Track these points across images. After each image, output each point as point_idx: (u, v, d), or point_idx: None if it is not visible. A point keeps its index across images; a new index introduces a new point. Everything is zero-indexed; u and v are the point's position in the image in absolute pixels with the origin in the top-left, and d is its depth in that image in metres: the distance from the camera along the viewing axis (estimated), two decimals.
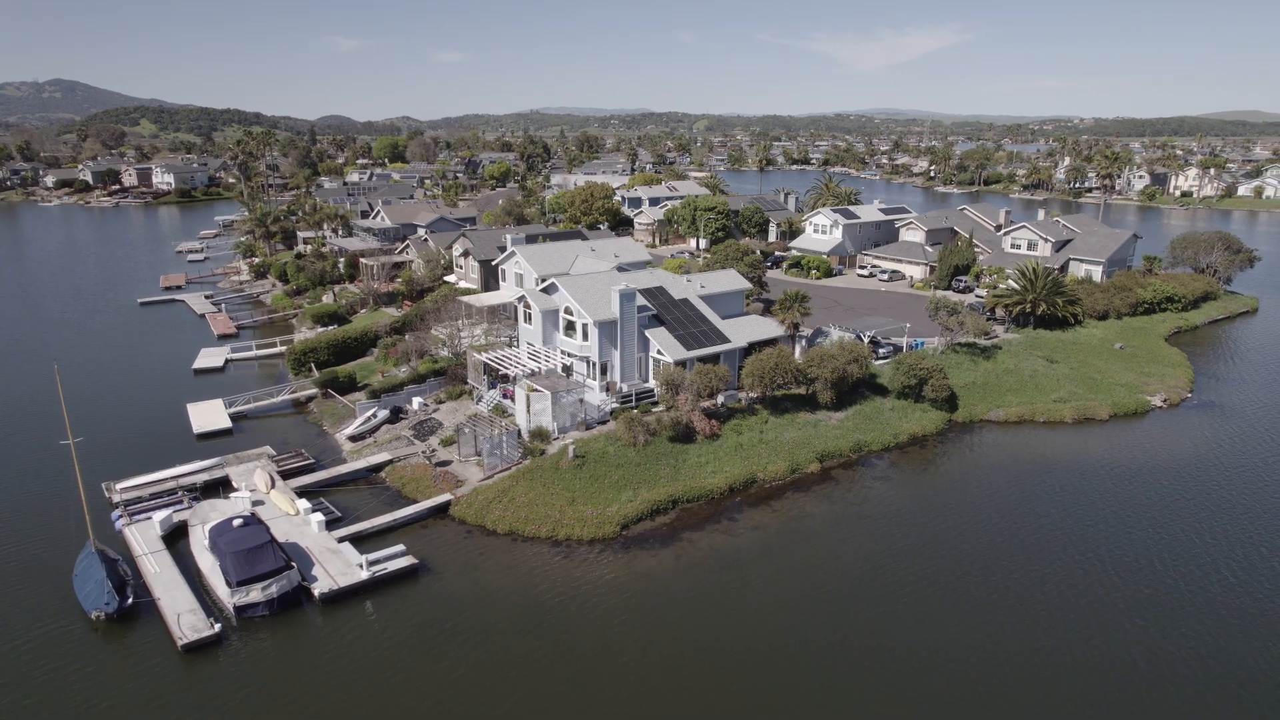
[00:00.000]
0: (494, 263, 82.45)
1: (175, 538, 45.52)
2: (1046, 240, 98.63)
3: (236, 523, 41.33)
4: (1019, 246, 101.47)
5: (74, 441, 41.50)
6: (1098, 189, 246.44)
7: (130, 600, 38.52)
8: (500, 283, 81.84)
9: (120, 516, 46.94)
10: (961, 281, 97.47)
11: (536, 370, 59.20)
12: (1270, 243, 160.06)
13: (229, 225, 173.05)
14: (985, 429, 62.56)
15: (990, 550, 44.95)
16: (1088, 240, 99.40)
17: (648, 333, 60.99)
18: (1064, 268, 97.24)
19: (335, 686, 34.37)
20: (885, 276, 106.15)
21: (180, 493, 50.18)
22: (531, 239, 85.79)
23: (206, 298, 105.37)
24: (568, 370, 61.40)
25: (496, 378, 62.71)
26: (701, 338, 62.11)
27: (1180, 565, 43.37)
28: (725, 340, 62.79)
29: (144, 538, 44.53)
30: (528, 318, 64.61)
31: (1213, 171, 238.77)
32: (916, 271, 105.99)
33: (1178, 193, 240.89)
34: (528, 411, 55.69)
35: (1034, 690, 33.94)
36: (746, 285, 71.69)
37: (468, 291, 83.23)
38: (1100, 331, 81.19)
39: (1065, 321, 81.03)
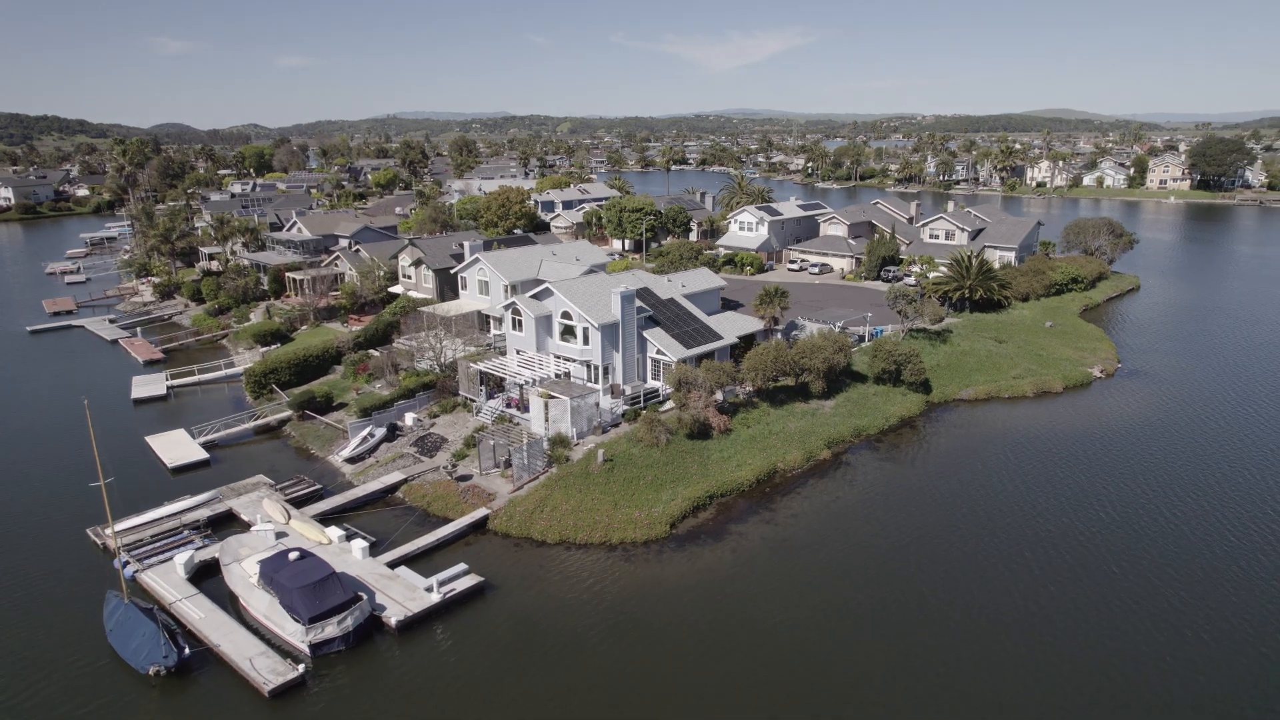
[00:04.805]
0: (452, 271, 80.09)
1: (198, 579, 42.07)
2: (963, 230, 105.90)
3: (292, 556, 38.66)
4: (937, 236, 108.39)
5: (105, 483, 37.57)
6: (964, 181, 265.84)
7: (187, 651, 35.35)
8: (461, 291, 79.60)
9: (126, 562, 42.77)
10: (890, 271, 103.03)
11: (534, 378, 58.32)
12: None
13: (98, 243, 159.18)
14: (960, 407, 66.76)
15: (999, 516, 48.34)
16: (999, 228, 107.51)
17: (645, 333, 61.29)
18: (980, 255, 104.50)
19: (439, 716, 33.00)
20: (816, 270, 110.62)
21: (186, 531, 46.32)
22: (487, 245, 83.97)
23: (111, 322, 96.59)
24: (566, 375, 60.77)
25: (495, 387, 61.30)
26: (697, 335, 63.03)
27: (1143, 515, 48.26)
28: (718, 337, 64.01)
29: (168, 582, 40.85)
30: (517, 324, 63.40)
31: (1060, 164, 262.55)
32: (844, 264, 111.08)
33: (1034, 184, 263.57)
34: (546, 419, 54.78)
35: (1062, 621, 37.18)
36: (722, 282, 73.32)
37: (426, 302, 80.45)
38: (1029, 312, 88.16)
39: (998, 304, 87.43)
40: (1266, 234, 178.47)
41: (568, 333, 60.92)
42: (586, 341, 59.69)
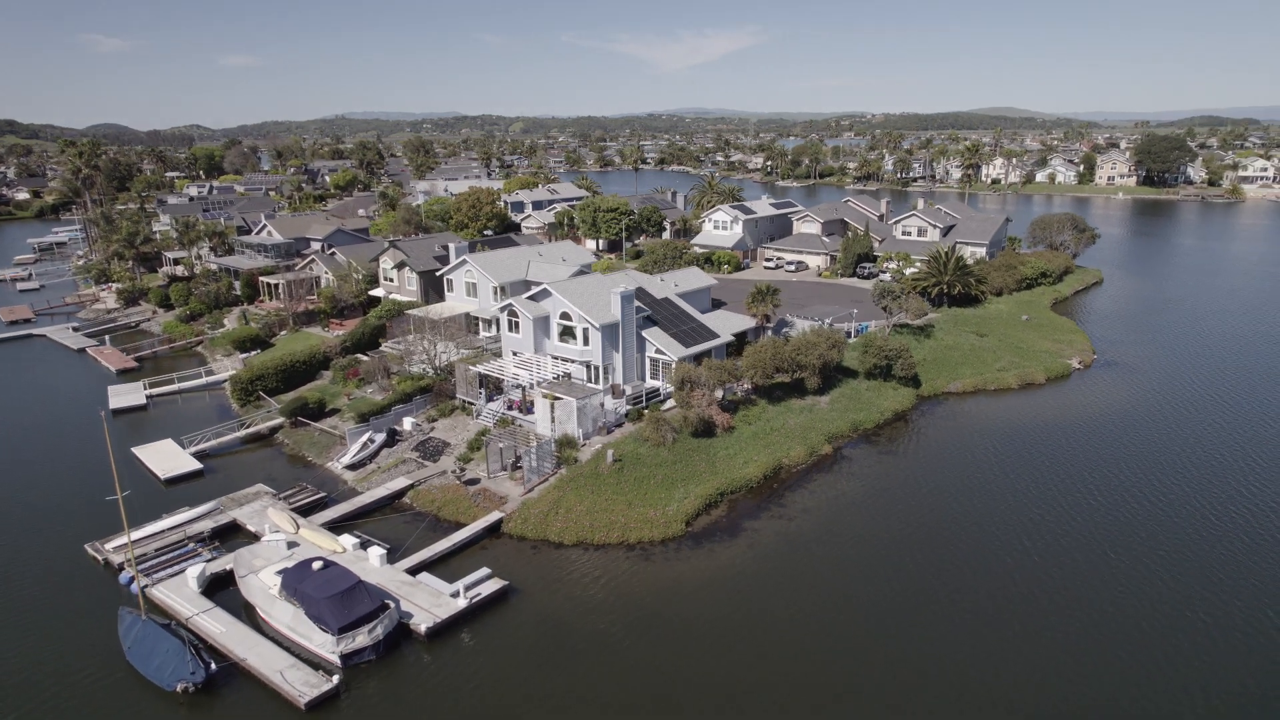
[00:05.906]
0: (438, 273, 79.15)
1: (209, 591, 41.02)
2: (935, 226, 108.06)
3: (316, 565, 37.95)
4: (909, 233, 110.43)
5: (122, 496, 36.39)
6: (921, 178, 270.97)
7: (213, 666, 34.49)
8: (447, 293, 78.73)
9: (131, 578, 41.49)
10: (866, 268, 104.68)
11: (535, 379, 58.08)
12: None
13: (47, 248, 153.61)
14: (949, 400, 68.23)
15: (996, 506, 49.64)
16: (969, 225, 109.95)
17: (644, 333, 61.40)
18: (952, 251, 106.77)
19: None
20: (792, 267, 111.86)
21: (191, 543, 45.12)
22: (471, 247, 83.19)
23: (75, 330, 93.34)
24: (566, 376, 60.58)
25: (494, 390, 60.84)
26: (694, 334, 63.36)
27: (1131, 500, 50.04)
28: (714, 335, 64.43)
29: (181, 596, 39.76)
30: (514, 326, 62.99)
31: (1014, 161, 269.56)
32: (819, 261, 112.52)
33: (989, 180, 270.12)
34: (552, 420, 54.56)
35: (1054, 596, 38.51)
36: (712, 281, 73.80)
37: (410, 305, 79.39)
38: (1005, 306, 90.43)
39: (974, 299, 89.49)
40: (1207, 228, 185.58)
41: (566, 333, 60.74)
42: (586, 342, 59.59)
